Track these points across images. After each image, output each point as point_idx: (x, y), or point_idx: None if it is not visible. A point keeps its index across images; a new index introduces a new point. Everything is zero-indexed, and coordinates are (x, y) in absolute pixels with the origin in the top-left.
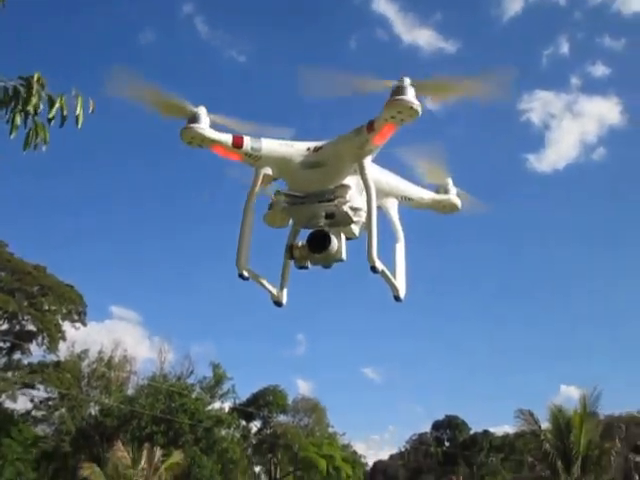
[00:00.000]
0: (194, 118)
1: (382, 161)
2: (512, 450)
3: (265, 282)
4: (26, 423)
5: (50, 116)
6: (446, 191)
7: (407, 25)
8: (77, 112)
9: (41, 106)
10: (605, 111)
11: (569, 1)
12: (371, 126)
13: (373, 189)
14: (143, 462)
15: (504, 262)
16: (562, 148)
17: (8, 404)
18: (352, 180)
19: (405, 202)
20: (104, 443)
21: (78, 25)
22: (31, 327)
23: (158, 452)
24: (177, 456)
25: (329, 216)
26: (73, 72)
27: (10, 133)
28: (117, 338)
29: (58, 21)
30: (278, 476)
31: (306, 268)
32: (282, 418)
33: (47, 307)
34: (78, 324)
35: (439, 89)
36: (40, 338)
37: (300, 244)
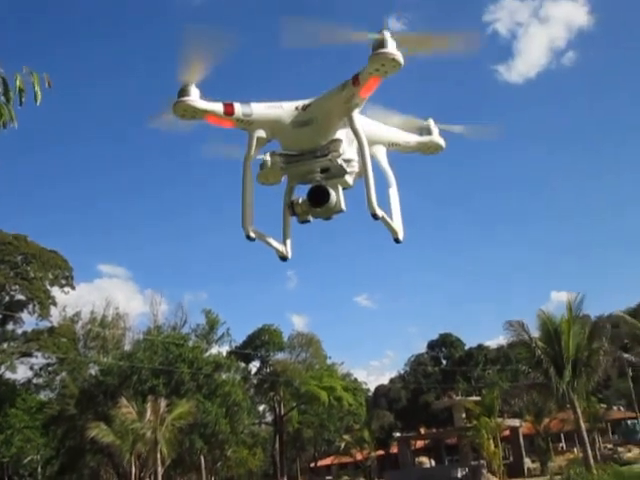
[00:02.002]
0: (184, 91)
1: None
2: (508, 361)
3: (272, 240)
4: (28, 391)
5: (12, 95)
6: (429, 132)
7: None
8: (35, 89)
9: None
10: (572, 14)
11: None
12: (356, 80)
13: (365, 141)
14: (149, 415)
15: (488, 178)
16: (531, 56)
17: (8, 375)
18: (342, 133)
19: (392, 148)
20: (108, 401)
21: None
22: (20, 297)
23: (162, 403)
24: (183, 405)
25: (324, 170)
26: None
27: None
28: (108, 296)
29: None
30: (282, 412)
31: (308, 222)
32: (280, 355)
33: (33, 275)
34: (67, 288)
35: (416, 43)
36: (31, 306)
37: (300, 200)
